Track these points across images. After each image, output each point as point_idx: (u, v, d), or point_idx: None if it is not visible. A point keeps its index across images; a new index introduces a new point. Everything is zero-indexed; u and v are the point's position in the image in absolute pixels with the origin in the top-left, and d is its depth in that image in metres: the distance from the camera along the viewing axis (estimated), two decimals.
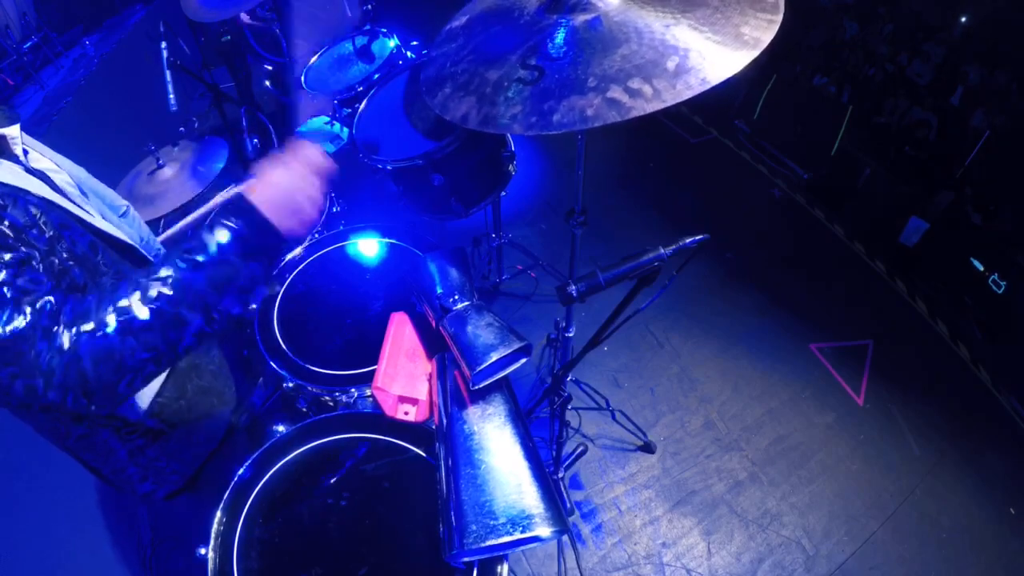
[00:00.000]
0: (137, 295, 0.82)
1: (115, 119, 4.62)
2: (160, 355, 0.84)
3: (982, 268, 2.81)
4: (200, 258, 0.85)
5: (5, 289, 0.79)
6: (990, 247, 2.84)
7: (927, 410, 2.55)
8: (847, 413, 2.54)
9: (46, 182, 1.02)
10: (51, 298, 0.81)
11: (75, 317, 0.80)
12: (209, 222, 0.89)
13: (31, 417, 1.14)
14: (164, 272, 0.84)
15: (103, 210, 1.18)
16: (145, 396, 1.18)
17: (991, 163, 3.02)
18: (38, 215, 0.92)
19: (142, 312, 0.81)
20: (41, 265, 0.87)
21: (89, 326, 0.79)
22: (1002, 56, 3.14)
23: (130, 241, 1.13)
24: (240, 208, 0.89)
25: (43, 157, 1.09)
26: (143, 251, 1.16)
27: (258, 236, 0.89)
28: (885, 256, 3.18)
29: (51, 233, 0.93)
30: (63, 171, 1.11)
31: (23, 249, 0.85)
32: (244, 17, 3.00)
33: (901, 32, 3.59)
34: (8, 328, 0.77)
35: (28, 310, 0.79)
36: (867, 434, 2.47)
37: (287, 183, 0.94)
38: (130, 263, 1.13)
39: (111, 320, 0.80)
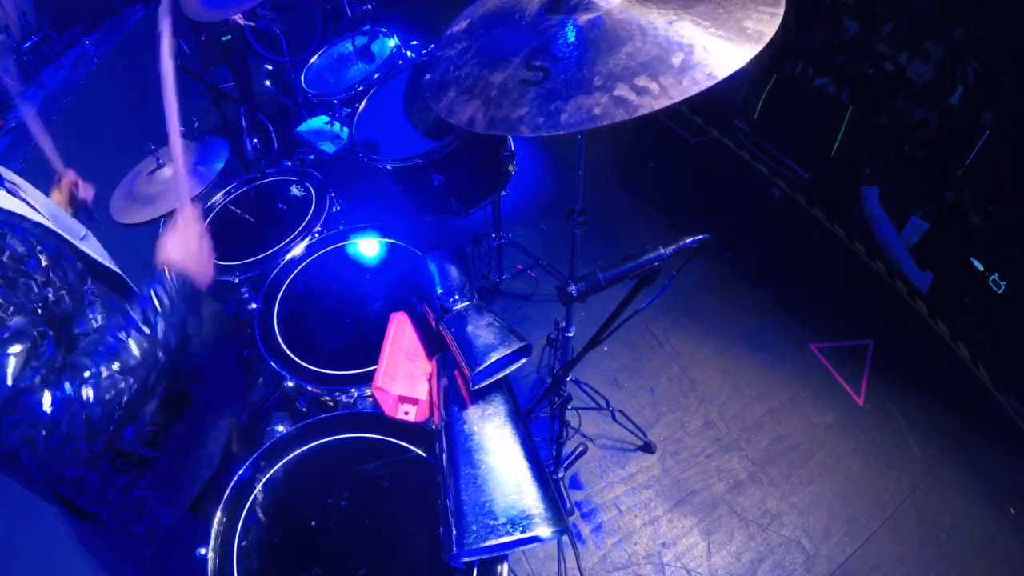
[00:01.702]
0: (123, 335, 0.94)
1: (115, 119, 4.62)
2: (148, 387, 0.96)
3: (982, 268, 2.81)
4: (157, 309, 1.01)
5: (9, 338, 0.81)
6: (990, 247, 2.83)
7: (927, 410, 2.55)
8: (847, 413, 2.54)
9: (30, 207, 1.02)
10: (51, 345, 0.86)
11: (68, 365, 0.87)
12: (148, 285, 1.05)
13: (19, 473, 1.13)
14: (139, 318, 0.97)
15: (68, 237, 1.17)
16: (137, 425, 1.18)
17: (991, 163, 3.02)
18: (35, 243, 0.93)
19: (134, 350, 0.93)
20: (38, 298, 0.88)
21: (87, 373, 0.87)
22: (1002, 56, 3.14)
23: (115, 268, 1.15)
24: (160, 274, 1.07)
25: (13, 183, 1.08)
26: (124, 276, 1.18)
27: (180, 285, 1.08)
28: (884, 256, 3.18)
29: (47, 262, 0.94)
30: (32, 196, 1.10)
31: (22, 282, 0.86)
32: (238, 18, 2.99)
33: (901, 32, 3.59)
34: (17, 380, 0.79)
35: (32, 361, 0.82)
36: (867, 434, 2.47)
37: (183, 242, 1.13)
38: (117, 294, 1.14)
39: (104, 366, 0.89)
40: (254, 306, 1.73)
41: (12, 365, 0.79)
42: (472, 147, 1.92)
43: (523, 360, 1.27)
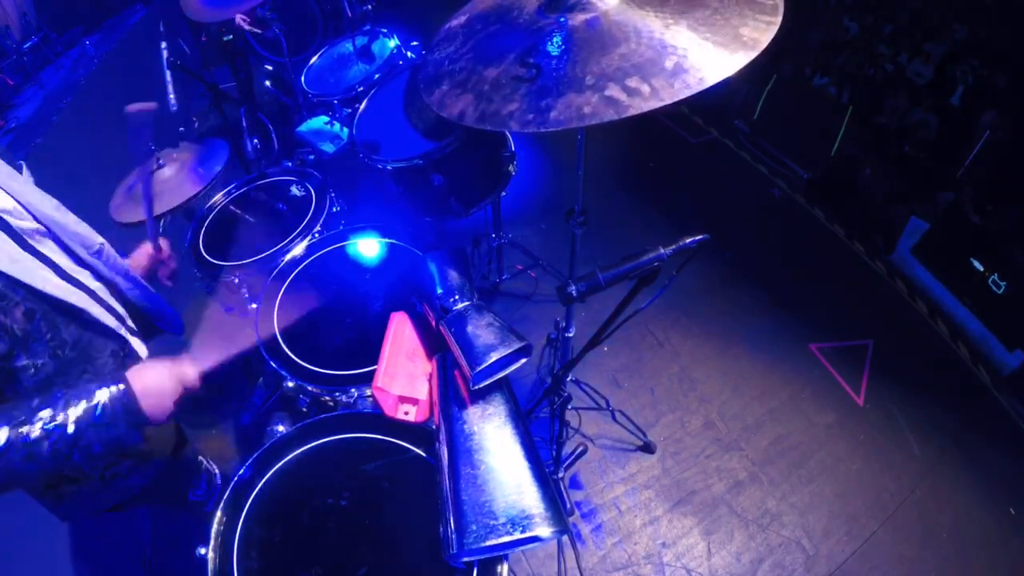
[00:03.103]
0: (41, 434, 0.96)
1: (115, 119, 4.62)
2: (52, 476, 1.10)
3: (982, 268, 2.81)
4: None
5: None
6: (990, 247, 2.83)
7: (927, 410, 2.54)
8: (847, 413, 2.54)
9: (2, 229, 1.02)
10: None
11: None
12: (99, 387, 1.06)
13: None
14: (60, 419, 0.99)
15: (76, 249, 1.18)
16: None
17: (991, 163, 3.02)
18: None
19: (43, 446, 0.96)
20: None
21: None
22: (1002, 56, 3.14)
23: (80, 305, 1.12)
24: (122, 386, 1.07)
25: (5, 195, 1.06)
26: (93, 313, 1.17)
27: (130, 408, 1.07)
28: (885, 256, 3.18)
29: None
30: (26, 214, 1.08)
31: None
32: (240, 21, 2.99)
33: (901, 32, 3.59)
34: None
35: None
36: (867, 434, 2.47)
37: (154, 380, 1.11)
38: (77, 326, 1.14)
39: (19, 448, 0.94)
40: (254, 306, 1.73)
41: None
42: (472, 148, 1.92)
43: (523, 360, 1.27)
